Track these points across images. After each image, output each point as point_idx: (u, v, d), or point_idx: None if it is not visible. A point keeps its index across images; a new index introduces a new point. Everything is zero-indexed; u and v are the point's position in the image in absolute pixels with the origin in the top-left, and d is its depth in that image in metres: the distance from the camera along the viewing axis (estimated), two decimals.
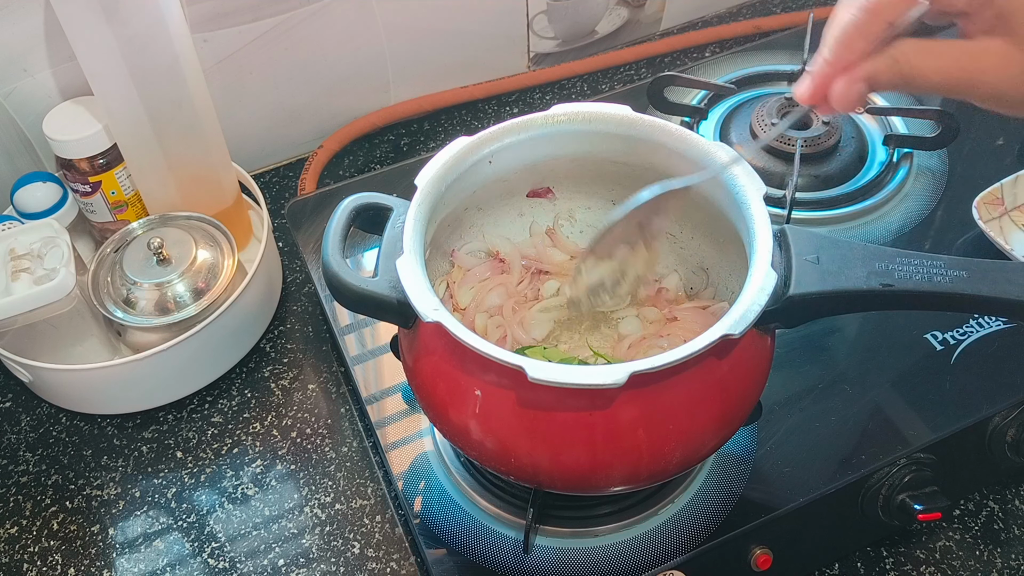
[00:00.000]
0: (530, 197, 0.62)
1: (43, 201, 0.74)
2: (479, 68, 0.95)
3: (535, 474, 0.50)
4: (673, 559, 0.57)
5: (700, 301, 0.61)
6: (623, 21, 0.99)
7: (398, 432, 0.65)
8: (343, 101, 0.91)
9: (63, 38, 0.65)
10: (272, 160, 0.92)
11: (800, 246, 0.49)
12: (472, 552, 0.58)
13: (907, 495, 0.59)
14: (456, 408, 0.50)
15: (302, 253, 0.76)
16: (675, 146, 0.55)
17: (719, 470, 0.60)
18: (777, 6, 1.04)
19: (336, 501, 0.67)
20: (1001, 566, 0.63)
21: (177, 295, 0.69)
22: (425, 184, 0.52)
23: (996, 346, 0.65)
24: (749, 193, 0.51)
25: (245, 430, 0.72)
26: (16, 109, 0.76)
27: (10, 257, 0.67)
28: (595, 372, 0.44)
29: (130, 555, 0.66)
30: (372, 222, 0.54)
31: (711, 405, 0.49)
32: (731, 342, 0.46)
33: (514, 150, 0.57)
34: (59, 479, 0.70)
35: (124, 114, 0.68)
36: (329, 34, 0.84)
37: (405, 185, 0.78)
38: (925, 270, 0.48)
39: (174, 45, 0.66)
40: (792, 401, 0.63)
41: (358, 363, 0.69)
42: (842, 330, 0.68)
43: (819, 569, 0.64)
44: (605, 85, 0.97)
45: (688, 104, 0.82)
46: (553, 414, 0.48)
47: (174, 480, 0.69)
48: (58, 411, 0.74)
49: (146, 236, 0.72)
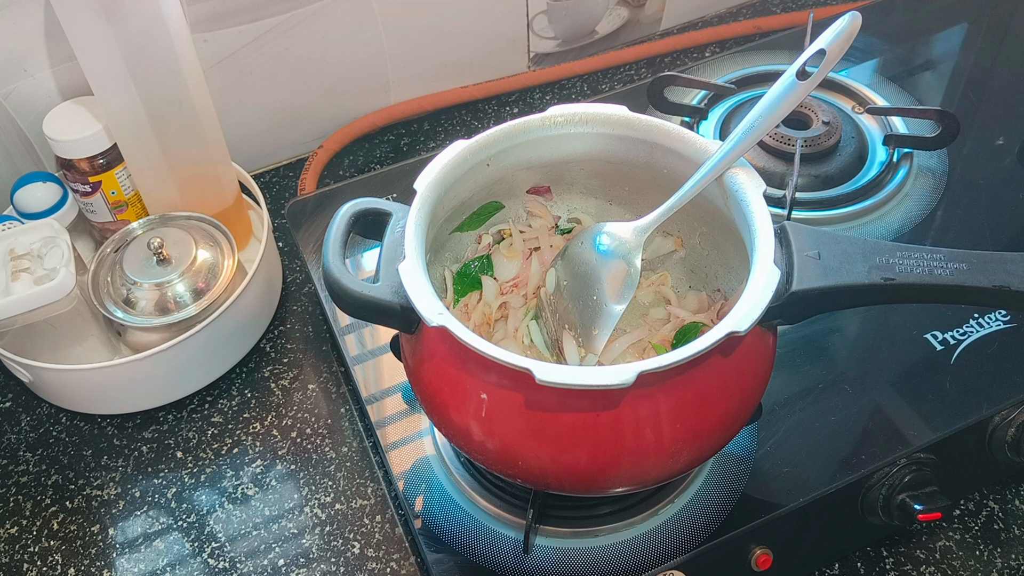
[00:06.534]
0: (530, 193, 0.62)
1: (43, 201, 0.74)
2: (479, 68, 0.95)
3: (543, 476, 0.50)
4: (673, 559, 0.57)
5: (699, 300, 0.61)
6: (623, 21, 0.99)
7: (398, 432, 0.65)
8: (343, 101, 0.91)
9: (63, 38, 0.65)
10: (272, 160, 0.92)
11: (801, 242, 0.49)
12: (472, 552, 0.58)
13: (907, 495, 0.59)
14: (461, 412, 0.50)
15: (302, 253, 0.76)
16: (673, 145, 0.55)
17: (719, 470, 0.60)
18: (777, 6, 1.04)
19: (336, 501, 0.67)
20: (1001, 566, 0.63)
21: (177, 295, 0.69)
22: (424, 188, 0.52)
23: (996, 346, 0.65)
24: (749, 191, 0.51)
25: (245, 430, 0.72)
26: (16, 109, 0.76)
27: (10, 257, 0.67)
28: (603, 373, 0.44)
29: (130, 555, 0.66)
30: (371, 227, 0.54)
31: (717, 403, 0.49)
32: (736, 339, 0.46)
33: (512, 152, 0.57)
34: (59, 479, 0.70)
35: (124, 114, 0.68)
36: (329, 34, 0.84)
37: (405, 185, 0.78)
38: (926, 263, 0.48)
39: (174, 45, 0.66)
40: (792, 401, 0.63)
41: (358, 363, 0.69)
42: (842, 330, 0.68)
43: (819, 569, 0.64)
44: (605, 85, 0.97)
45: (688, 104, 0.82)
46: (561, 416, 0.47)
47: (174, 480, 0.69)
48: (58, 411, 0.74)
49: (146, 236, 0.72)
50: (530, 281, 0.62)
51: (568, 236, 0.62)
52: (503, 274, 0.62)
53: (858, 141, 0.78)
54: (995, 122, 0.81)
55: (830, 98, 0.82)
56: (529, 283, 0.62)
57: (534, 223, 0.63)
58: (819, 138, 0.76)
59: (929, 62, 0.88)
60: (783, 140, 0.76)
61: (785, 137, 0.76)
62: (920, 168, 0.77)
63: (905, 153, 0.78)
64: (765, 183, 0.51)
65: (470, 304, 0.61)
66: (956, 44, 0.90)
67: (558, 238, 0.63)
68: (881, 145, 0.79)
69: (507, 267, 0.62)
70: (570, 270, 0.58)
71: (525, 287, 0.62)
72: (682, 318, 0.60)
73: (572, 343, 0.56)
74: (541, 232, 0.63)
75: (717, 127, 0.80)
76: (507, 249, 0.62)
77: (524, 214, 0.63)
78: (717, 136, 0.80)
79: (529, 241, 0.62)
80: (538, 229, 0.63)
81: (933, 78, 0.87)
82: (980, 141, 0.80)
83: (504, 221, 0.62)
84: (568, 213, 0.63)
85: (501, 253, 0.62)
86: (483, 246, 0.62)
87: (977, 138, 0.80)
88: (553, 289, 0.59)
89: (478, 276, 0.61)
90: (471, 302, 0.61)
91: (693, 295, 0.62)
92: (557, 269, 0.59)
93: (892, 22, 0.91)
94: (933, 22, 0.92)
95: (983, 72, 0.86)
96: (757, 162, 0.76)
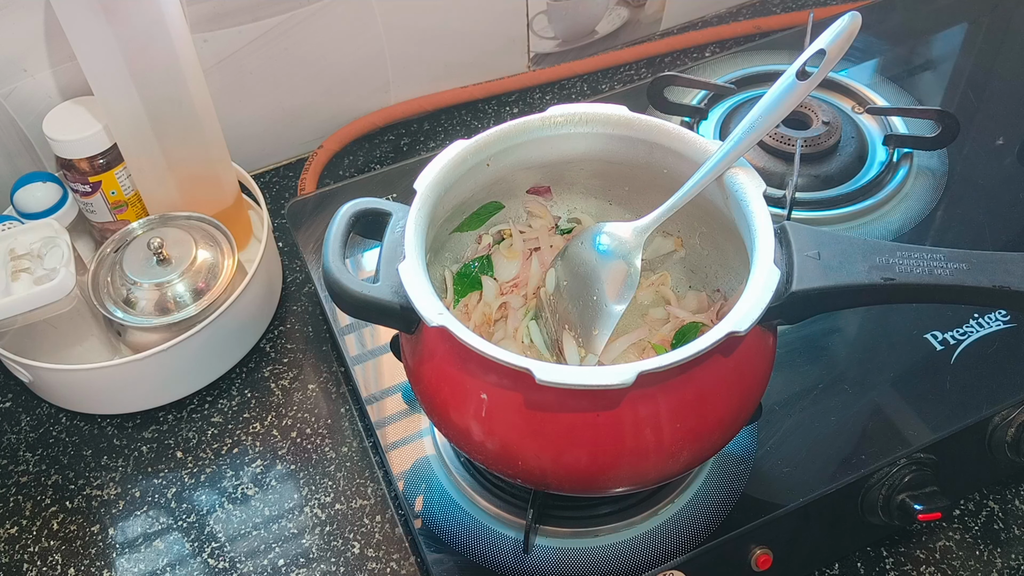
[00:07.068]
0: (530, 193, 0.62)
1: (43, 201, 0.74)
2: (479, 68, 0.95)
3: (543, 476, 0.50)
4: (673, 559, 0.57)
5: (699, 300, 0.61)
6: (623, 21, 0.99)
7: (398, 432, 0.65)
8: (343, 101, 0.91)
9: (63, 38, 0.65)
10: (272, 160, 0.92)
11: (801, 242, 0.49)
12: (472, 552, 0.58)
13: (907, 495, 0.59)
14: (461, 412, 0.50)
15: (302, 253, 0.76)
16: (673, 145, 0.55)
17: (719, 470, 0.60)
18: (777, 6, 1.04)
19: (336, 501, 0.67)
20: (1001, 566, 0.63)
21: (177, 295, 0.69)
22: (424, 188, 0.52)
23: (996, 346, 0.65)
24: (749, 191, 0.51)
25: (245, 430, 0.72)
26: (16, 109, 0.76)
27: (10, 257, 0.67)
28: (603, 373, 0.44)
29: (130, 555, 0.66)
30: (371, 227, 0.54)
31: (717, 402, 0.49)
32: (736, 339, 0.46)
33: (512, 152, 0.57)
34: (59, 479, 0.70)
35: (124, 114, 0.68)
36: (329, 34, 0.84)
37: (405, 185, 0.78)
38: (925, 263, 0.48)
39: (174, 45, 0.66)
40: (792, 401, 0.63)
41: (358, 363, 0.69)
42: (842, 330, 0.68)
43: (819, 569, 0.64)
44: (605, 85, 0.97)
45: (688, 104, 0.82)
46: (561, 416, 0.47)
47: (174, 480, 0.69)
48: (58, 411, 0.74)
49: (146, 236, 0.72)
50: (530, 281, 0.62)
51: (568, 236, 0.62)
52: (503, 274, 0.62)
53: (858, 141, 0.78)
54: (995, 122, 0.81)
55: (830, 98, 0.82)
56: (529, 283, 0.62)
57: (534, 223, 0.63)
58: (819, 138, 0.76)
59: (929, 62, 0.88)
60: (783, 140, 0.76)
61: (785, 137, 0.76)
62: (920, 168, 0.77)
63: (905, 153, 0.78)
64: (765, 183, 0.51)
65: (470, 304, 0.61)
66: (956, 44, 0.90)
67: (558, 238, 0.63)
68: (881, 145, 0.79)
69: (507, 267, 0.62)
70: (570, 270, 0.58)
71: (525, 287, 0.62)
72: (682, 318, 0.60)
73: (572, 343, 0.56)
74: (541, 232, 0.63)
75: (717, 127, 0.80)
76: (507, 249, 0.62)
77: (524, 214, 0.63)
78: (717, 136, 0.79)
79: (529, 241, 0.62)
80: (538, 229, 0.63)
81: (933, 78, 0.87)
82: (980, 141, 0.80)
83: (504, 221, 0.62)
84: (568, 213, 0.63)
85: (501, 253, 0.62)
86: (483, 246, 0.62)
87: (977, 138, 0.80)
88: (553, 289, 0.59)
89: (478, 276, 0.61)
90: (471, 302, 0.61)
91: (693, 295, 0.62)
92: (557, 269, 0.59)
93: (892, 22, 0.91)
94: (933, 22, 0.92)
95: (983, 72, 0.86)
96: (757, 162, 0.76)
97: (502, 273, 0.62)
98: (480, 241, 0.62)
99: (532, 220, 0.63)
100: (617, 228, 0.56)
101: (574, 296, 0.57)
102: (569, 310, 0.57)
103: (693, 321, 0.60)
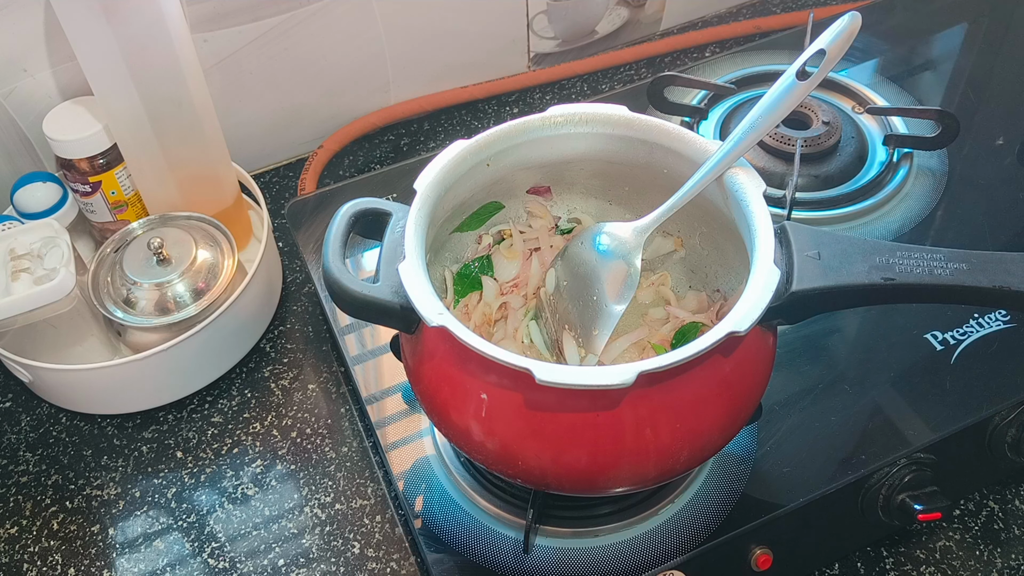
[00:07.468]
0: (530, 193, 0.62)
1: (43, 201, 0.74)
2: (479, 68, 0.95)
3: (543, 476, 0.50)
4: (673, 559, 0.57)
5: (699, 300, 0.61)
6: (623, 21, 0.99)
7: (398, 432, 0.65)
8: (343, 101, 0.91)
9: (63, 38, 0.65)
10: (272, 160, 0.92)
11: (801, 242, 0.49)
12: (472, 552, 0.58)
13: (907, 495, 0.59)
14: (461, 412, 0.50)
15: (302, 253, 0.76)
16: (673, 145, 0.55)
17: (719, 470, 0.60)
18: (777, 6, 1.04)
19: (336, 501, 0.67)
20: (1001, 566, 0.63)
21: (177, 295, 0.69)
22: (424, 188, 0.52)
23: (996, 346, 0.65)
24: (749, 191, 0.51)
25: (245, 430, 0.72)
26: (16, 109, 0.76)
27: (10, 257, 0.67)
28: (603, 373, 0.44)
29: (130, 555, 0.66)
30: (371, 227, 0.54)
31: (717, 402, 0.49)
32: (736, 339, 0.46)
33: (512, 152, 0.57)
34: (59, 479, 0.70)
35: (124, 114, 0.68)
36: (329, 34, 0.84)
37: (405, 185, 0.78)
38: (926, 263, 0.48)
39: (174, 45, 0.66)
40: (792, 401, 0.63)
41: (358, 363, 0.69)
42: (842, 330, 0.68)
43: (819, 569, 0.64)
44: (605, 85, 0.97)
45: (688, 104, 0.82)
46: (561, 416, 0.47)
47: (174, 480, 0.69)
48: (58, 411, 0.74)
49: (146, 236, 0.72)
50: (530, 281, 0.62)
51: (568, 236, 0.62)
52: (503, 274, 0.62)
53: (858, 141, 0.78)
54: (995, 122, 0.81)
55: (830, 98, 0.82)
56: (529, 283, 0.62)
57: (534, 223, 0.63)
58: (819, 138, 0.76)
59: (929, 62, 0.88)
60: (783, 140, 0.76)
61: (785, 137, 0.76)
62: (920, 168, 0.77)
63: (905, 153, 0.78)
64: (765, 183, 0.51)
65: (470, 304, 0.61)
66: (956, 44, 0.90)
67: (558, 238, 0.63)
68: (881, 145, 0.79)
69: (507, 267, 0.62)
70: (570, 270, 0.58)
71: (525, 287, 0.62)
72: (682, 318, 0.60)
73: (572, 343, 0.56)
74: (541, 232, 0.63)
75: (717, 127, 0.80)
76: (507, 249, 0.62)
77: (524, 214, 0.63)
78: (717, 136, 0.79)
79: (529, 241, 0.62)
80: (538, 229, 0.63)
81: (933, 78, 0.87)
82: (980, 141, 0.80)
83: (504, 221, 0.62)
84: (568, 213, 0.63)
85: (501, 253, 0.62)
86: (483, 246, 0.62)
87: (977, 138, 0.80)
88: (553, 289, 0.59)
89: (478, 276, 0.61)
90: (471, 302, 0.61)
91: (693, 295, 0.62)
92: (557, 269, 0.59)
93: (892, 22, 0.91)
94: (933, 22, 0.92)
95: (983, 72, 0.86)
96: (757, 162, 0.76)
97: (502, 273, 0.62)
98: (480, 241, 0.62)
99: (532, 220, 0.63)
100: (617, 228, 0.56)
101: (574, 296, 0.57)
102: (569, 310, 0.57)
103: (693, 321, 0.60)
